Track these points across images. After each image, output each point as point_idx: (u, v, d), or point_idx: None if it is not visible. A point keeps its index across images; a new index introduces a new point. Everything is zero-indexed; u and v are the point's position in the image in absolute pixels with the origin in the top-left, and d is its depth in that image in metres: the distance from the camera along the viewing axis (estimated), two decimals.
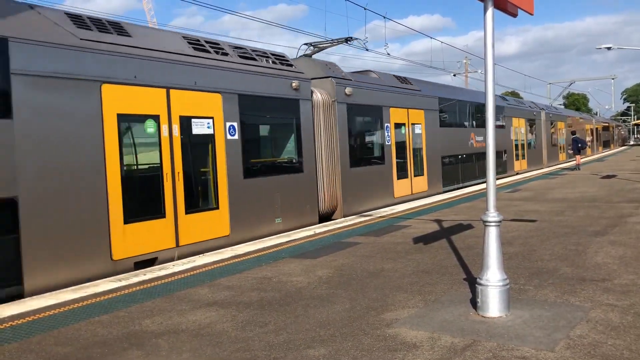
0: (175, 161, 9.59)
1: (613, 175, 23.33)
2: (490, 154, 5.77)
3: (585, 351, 4.57)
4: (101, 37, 8.82)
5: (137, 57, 9.10)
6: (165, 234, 9.33)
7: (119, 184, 8.66)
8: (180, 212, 9.60)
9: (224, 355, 4.87)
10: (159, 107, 9.37)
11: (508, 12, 5.96)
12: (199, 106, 10.10)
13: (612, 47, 29.70)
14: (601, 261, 7.69)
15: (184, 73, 9.87)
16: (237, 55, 11.49)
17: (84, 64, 8.31)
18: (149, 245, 9.04)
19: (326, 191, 13.60)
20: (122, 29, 9.41)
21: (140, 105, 9.08)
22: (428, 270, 7.68)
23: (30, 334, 5.63)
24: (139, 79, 9.07)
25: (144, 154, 9.29)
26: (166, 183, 9.42)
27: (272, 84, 11.86)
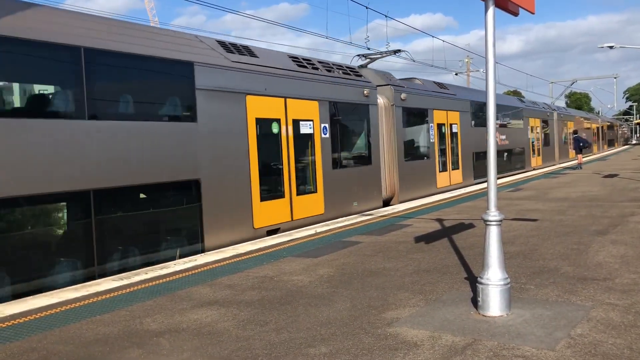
0: (290, 154, 12.30)
1: (615, 174, 23.30)
2: (491, 153, 5.78)
3: (586, 350, 4.57)
4: (241, 59, 11.42)
5: (265, 74, 11.81)
6: (284, 211, 12.12)
7: (257, 170, 11.35)
8: (293, 194, 12.39)
9: (225, 354, 4.87)
10: (280, 113, 12.10)
11: (509, 11, 5.95)
12: (304, 111, 12.82)
13: (614, 46, 29.63)
14: (602, 260, 7.69)
15: (294, 85, 12.62)
16: (324, 69, 14.17)
17: (235, 81, 11.03)
18: (275, 219, 11.84)
19: (387, 180, 16.36)
20: (252, 52, 12.07)
21: (269, 111, 11.81)
22: (429, 269, 7.68)
23: (31, 332, 5.65)
24: (267, 91, 11.78)
25: (271, 149, 11.93)
26: (285, 171, 12.15)
27: (350, 92, 14.57)
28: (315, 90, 13.27)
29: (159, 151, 9.34)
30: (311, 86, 13.17)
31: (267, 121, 11.76)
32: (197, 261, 8.84)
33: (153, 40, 9.67)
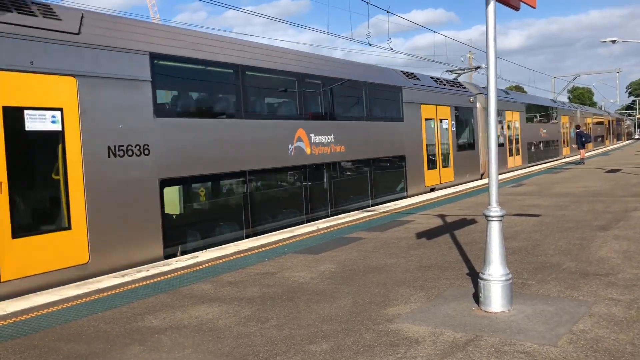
0: (438, 141, 18.98)
1: (618, 169, 23.23)
2: (493, 149, 5.75)
3: (588, 346, 4.56)
4: (415, 82, 18.25)
5: (427, 91, 18.64)
6: (437, 177, 18.78)
7: (425, 150, 17.98)
8: (440, 166, 19.04)
9: (226, 350, 4.87)
10: (433, 114, 18.73)
11: (510, 5, 5.92)
12: (443, 113, 19.46)
13: (617, 41, 29.50)
14: (605, 256, 7.66)
15: (439, 97, 19.37)
16: (449, 85, 21.07)
17: (415, 96, 17.74)
18: (432, 181, 18.42)
19: (482, 161, 22.21)
20: (416, 77, 18.80)
21: (430, 114, 18.51)
22: (431, 265, 7.66)
23: (33, 330, 5.65)
24: (429, 102, 18.54)
25: (431, 137, 18.50)
26: (437, 151, 18.84)
27: (463, 99, 21.28)
28: (448, 100, 20.00)
29: (392, 138, 16.42)
30: (447, 97, 19.96)
31: (428, 120, 18.44)
32: (198, 258, 8.84)
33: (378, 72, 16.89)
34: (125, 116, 8.89)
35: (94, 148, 8.39)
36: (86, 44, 8.48)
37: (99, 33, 8.82)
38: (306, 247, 9.41)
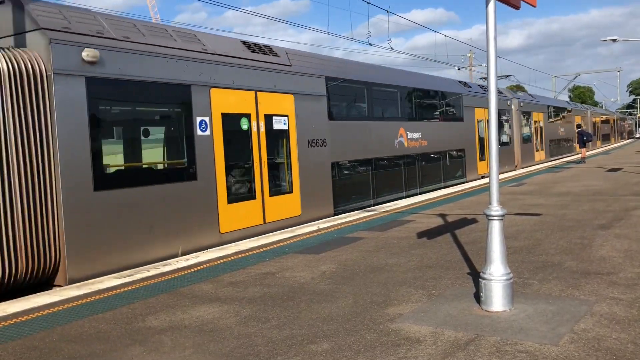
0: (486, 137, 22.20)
1: (618, 168, 23.21)
2: (493, 150, 5.75)
3: (589, 345, 4.55)
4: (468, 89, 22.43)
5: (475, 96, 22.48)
6: (486, 166, 22.17)
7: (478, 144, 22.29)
8: (487, 158, 22.18)
9: (227, 351, 4.86)
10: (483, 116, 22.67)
11: (510, 4, 5.91)
12: (481, 115, 22.74)
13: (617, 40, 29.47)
14: (606, 255, 7.65)
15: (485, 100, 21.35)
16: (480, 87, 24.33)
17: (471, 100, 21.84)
18: (483, 170, 22.25)
19: (516, 156, 26.88)
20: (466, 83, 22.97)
21: (480, 115, 22.54)
22: (432, 264, 7.65)
23: (34, 330, 5.65)
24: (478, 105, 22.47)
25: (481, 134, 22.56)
26: (486, 145, 22.16)
27: (502, 103, 25.05)
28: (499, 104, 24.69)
29: (456, 135, 20.58)
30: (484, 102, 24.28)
31: (480, 121, 22.74)
32: (199, 258, 8.83)
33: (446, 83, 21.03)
34: (314, 120, 13.27)
35: (302, 141, 12.81)
36: (295, 72, 12.72)
37: (299, 64, 13.09)
38: (307, 247, 9.40)
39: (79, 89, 8.16)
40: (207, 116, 10.35)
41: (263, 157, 11.57)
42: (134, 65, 8.99)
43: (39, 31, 7.94)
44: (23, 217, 7.57)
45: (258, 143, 11.52)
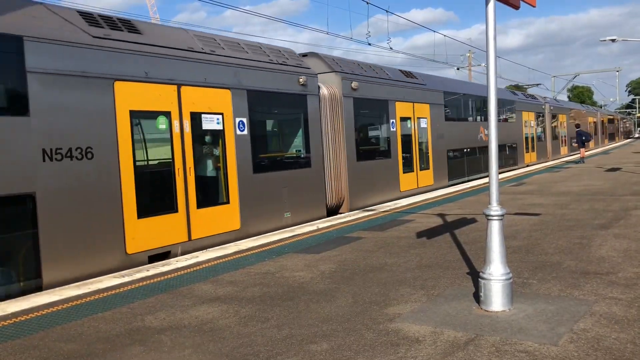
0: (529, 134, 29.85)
1: (618, 168, 23.22)
2: (493, 149, 5.74)
3: (588, 345, 4.55)
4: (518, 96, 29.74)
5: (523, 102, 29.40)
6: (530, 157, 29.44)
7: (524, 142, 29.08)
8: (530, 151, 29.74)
9: (226, 350, 4.86)
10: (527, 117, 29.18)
11: (510, 4, 5.91)
12: (530, 117, 29.67)
13: (616, 39, 29.48)
14: (605, 254, 7.65)
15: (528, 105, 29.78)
16: (523, 95, 30.56)
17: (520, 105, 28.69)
18: (528, 160, 29.09)
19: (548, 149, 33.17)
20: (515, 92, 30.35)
21: (526, 117, 29.06)
22: (431, 264, 7.66)
23: (33, 330, 5.64)
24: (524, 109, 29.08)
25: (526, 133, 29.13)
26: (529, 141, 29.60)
27: (539, 107, 31.46)
28: (532, 107, 30.56)
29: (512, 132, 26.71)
30: (531, 106, 30.54)
31: (525, 121, 28.66)
32: (198, 258, 8.83)
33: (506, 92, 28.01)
34: (438, 122, 19.08)
35: (434, 134, 18.83)
36: (428, 89, 18.73)
37: (430, 83, 19.13)
38: (306, 246, 9.40)
39: (350, 104, 14.59)
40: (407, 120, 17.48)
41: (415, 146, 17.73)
42: (370, 90, 15.51)
43: (333, 73, 14.39)
44: (331, 175, 13.93)
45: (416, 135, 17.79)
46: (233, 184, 10.58)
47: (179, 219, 9.53)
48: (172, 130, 9.53)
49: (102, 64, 8.47)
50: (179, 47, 9.97)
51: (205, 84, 10.22)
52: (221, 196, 10.49)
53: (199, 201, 9.90)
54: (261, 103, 11.49)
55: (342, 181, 14.14)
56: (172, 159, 9.50)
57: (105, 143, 8.45)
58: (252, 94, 11.20)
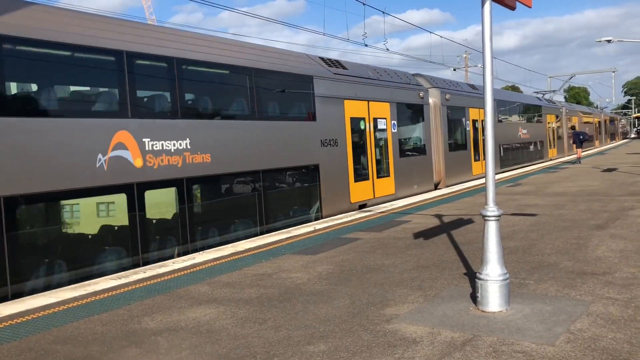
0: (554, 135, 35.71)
1: (614, 168, 23.27)
2: (490, 149, 5.74)
3: (585, 345, 4.55)
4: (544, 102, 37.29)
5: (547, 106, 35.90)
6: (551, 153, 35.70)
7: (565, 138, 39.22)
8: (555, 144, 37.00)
9: (223, 352, 4.85)
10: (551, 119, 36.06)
11: (506, 4, 5.91)
12: (549, 119, 34.88)
13: (612, 40, 29.58)
14: (602, 255, 7.67)
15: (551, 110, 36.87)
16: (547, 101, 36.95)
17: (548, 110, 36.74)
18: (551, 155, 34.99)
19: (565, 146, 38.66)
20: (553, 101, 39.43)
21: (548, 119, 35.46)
22: (428, 265, 7.66)
23: (29, 332, 5.62)
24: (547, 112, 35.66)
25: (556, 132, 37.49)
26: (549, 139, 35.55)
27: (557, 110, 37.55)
28: (554, 111, 36.07)
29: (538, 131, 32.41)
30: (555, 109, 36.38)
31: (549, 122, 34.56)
32: (195, 259, 8.82)
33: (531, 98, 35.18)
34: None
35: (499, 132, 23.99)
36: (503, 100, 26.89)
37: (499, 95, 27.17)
38: (303, 247, 9.39)
39: (445, 110, 19.81)
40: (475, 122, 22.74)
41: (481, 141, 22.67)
42: (455, 100, 20.66)
43: (435, 88, 19.53)
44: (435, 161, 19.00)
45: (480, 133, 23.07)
46: (391, 164, 16.40)
47: (369, 184, 15.28)
48: (366, 129, 15.32)
49: (338, 90, 14.20)
50: (365, 77, 15.70)
51: (378, 99, 15.92)
52: (386, 171, 16.18)
53: (377, 174, 15.71)
54: (401, 111, 17.10)
55: (441, 165, 19.64)
56: (365, 147, 15.27)
57: (341, 136, 14.17)
58: (397, 105, 16.87)
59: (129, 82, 8.97)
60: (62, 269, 8.08)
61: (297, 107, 13.23)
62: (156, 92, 9.88)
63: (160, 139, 9.37)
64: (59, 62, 8.45)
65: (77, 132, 8.26)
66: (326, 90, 13.66)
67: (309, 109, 13.23)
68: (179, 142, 9.68)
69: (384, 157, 16.03)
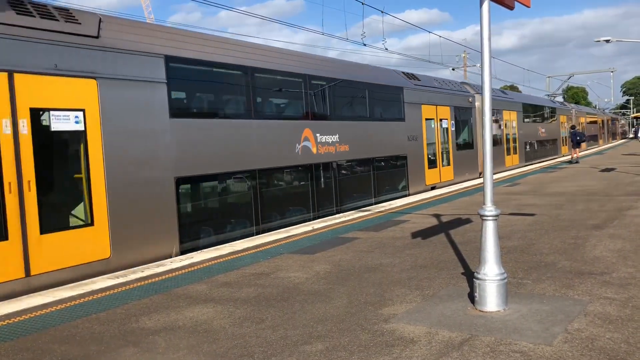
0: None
1: (612, 168, 23.30)
2: (487, 148, 5.75)
3: (583, 345, 4.56)
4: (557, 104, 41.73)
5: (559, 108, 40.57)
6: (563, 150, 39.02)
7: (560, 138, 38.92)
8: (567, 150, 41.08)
9: (221, 351, 4.85)
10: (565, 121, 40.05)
11: (504, 4, 5.91)
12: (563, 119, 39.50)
13: (610, 40, 29.59)
14: (600, 255, 7.67)
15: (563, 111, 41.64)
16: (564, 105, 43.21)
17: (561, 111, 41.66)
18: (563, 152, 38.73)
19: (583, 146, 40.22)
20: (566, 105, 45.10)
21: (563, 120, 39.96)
22: (426, 265, 7.66)
23: (26, 332, 5.61)
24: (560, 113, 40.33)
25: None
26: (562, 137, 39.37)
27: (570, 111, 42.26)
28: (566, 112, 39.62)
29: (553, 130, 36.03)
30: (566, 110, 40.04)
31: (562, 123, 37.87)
32: (193, 259, 8.81)
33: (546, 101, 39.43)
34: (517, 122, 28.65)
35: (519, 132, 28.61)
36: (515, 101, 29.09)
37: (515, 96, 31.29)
38: (301, 247, 9.39)
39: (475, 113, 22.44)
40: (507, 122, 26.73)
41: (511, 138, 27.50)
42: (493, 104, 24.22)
43: (478, 94, 21.86)
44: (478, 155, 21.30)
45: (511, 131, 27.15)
46: (451, 156, 20.28)
47: (437, 171, 19.25)
48: (435, 127, 19.25)
49: (417, 97, 18.15)
50: (432, 86, 19.77)
51: (442, 104, 19.85)
52: (448, 161, 20.05)
53: (442, 163, 19.76)
54: (457, 113, 20.95)
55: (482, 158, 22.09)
56: (434, 142, 19.12)
57: (419, 133, 18.13)
58: (455, 108, 20.78)
59: (308, 96, 13.52)
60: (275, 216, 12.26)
61: (394, 111, 17.33)
62: (321, 102, 14.13)
63: (324, 134, 13.78)
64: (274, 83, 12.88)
65: (288, 130, 12.67)
66: (411, 98, 17.92)
67: (401, 112, 17.48)
68: (333, 136, 14.11)
69: (446, 150, 20.16)
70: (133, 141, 8.95)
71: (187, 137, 10.00)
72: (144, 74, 9.24)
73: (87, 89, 8.29)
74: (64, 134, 8.15)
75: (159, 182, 9.32)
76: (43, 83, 7.79)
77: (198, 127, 10.33)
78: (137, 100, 9.09)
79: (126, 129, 8.84)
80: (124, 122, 8.81)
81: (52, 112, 7.92)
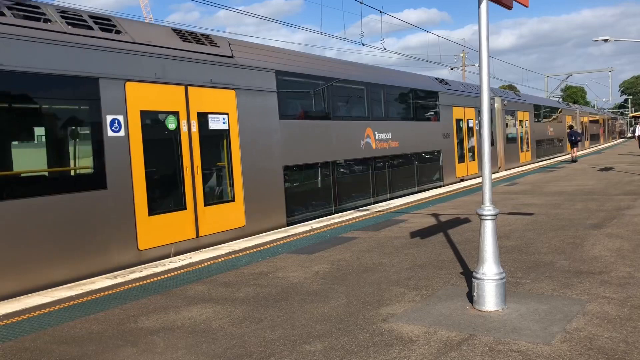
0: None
1: (610, 167, 23.32)
2: (486, 148, 5.75)
3: (581, 344, 4.56)
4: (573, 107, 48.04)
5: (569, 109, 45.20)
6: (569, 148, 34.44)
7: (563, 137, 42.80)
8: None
9: (219, 351, 4.85)
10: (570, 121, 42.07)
11: (503, 4, 5.92)
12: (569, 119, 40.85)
13: (609, 40, 29.61)
14: (598, 254, 7.68)
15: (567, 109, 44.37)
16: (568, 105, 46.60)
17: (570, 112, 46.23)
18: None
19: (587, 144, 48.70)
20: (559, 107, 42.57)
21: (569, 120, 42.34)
22: (425, 264, 7.66)
23: (25, 332, 5.61)
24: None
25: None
26: None
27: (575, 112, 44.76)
28: (571, 112, 41.94)
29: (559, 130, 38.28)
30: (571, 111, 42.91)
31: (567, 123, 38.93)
32: (192, 258, 8.81)
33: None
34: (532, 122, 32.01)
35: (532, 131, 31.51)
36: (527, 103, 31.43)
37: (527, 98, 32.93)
38: (300, 247, 9.39)
39: (503, 113, 25.98)
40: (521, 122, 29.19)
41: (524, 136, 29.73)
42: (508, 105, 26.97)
43: (497, 97, 25.92)
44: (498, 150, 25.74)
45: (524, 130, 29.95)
46: (476, 152, 22.64)
47: (465, 165, 21.65)
48: (463, 127, 21.78)
49: (449, 100, 20.62)
50: (460, 89, 22.25)
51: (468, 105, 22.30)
52: (473, 157, 22.46)
53: (469, 158, 22.05)
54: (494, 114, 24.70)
55: (502, 154, 25.66)
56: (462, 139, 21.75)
57: (450, 132, 20.66)
58: (478, 110, 22.15)
59: (368, 101, 16.08)
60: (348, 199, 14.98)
61: (432, 112, 19.85)
62: (377, 105, 16.61)
63: (380, 132, 16.28)
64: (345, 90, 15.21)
65: (355, 128, 15.19)
66: (444, 100, 20.42)
67: (437, 113, 20.01)
68: (387, 134, 16.59)
69: (472, 146, 22.53)
70: (257, 137, 11.51)
71: (290, 134, 12.61)
72: (263, 84, 11.77)
73: (229, 97, 10.98)
74: (216, 132, 10.64)
75: (274, 169, 11.98)
76: (204, 93, 10.37)
77: (297, 126, 13.06)
78: (259, 106, 11.63)
79: (253, 128, 11.40)
80: (252, 122, 11.38)
81: (210, 115, 10.50)
